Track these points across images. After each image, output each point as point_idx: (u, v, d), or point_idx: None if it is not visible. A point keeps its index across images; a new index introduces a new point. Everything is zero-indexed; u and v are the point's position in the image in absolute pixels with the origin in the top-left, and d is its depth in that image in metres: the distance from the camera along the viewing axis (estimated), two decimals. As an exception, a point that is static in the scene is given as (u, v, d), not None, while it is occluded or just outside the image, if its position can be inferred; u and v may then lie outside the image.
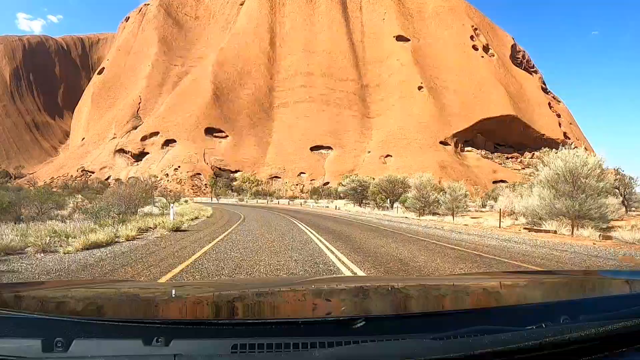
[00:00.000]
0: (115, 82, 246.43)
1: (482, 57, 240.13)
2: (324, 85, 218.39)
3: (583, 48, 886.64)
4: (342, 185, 61.53)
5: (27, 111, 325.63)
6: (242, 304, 2.31)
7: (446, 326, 1.51)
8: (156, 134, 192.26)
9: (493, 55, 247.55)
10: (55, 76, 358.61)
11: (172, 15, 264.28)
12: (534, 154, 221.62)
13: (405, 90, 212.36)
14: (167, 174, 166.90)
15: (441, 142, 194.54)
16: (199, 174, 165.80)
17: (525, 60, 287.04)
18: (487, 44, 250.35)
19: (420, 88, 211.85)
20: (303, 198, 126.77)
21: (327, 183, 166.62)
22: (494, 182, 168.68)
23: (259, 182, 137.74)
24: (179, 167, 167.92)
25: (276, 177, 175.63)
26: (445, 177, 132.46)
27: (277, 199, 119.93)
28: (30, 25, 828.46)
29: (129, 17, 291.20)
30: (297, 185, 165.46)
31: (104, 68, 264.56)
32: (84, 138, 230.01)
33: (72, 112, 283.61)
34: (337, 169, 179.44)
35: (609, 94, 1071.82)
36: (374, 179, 60.25)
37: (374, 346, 1.35)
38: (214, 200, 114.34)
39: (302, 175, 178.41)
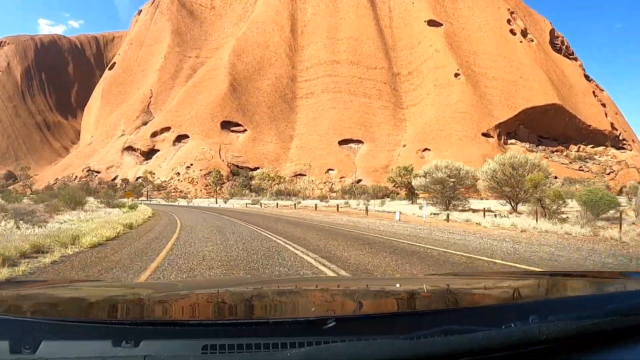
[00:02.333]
0: (126, 76, 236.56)
1: (521, 41, 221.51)
2: (350, 73, 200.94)
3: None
4: (421, 176, 40.97)
5: (37, 111, 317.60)
6: (213, 304, 2.30)
7: (416, 326, 1.51)
8: (167, 129, 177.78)
9: (532, 40, 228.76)
10: (68, 75, 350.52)
11: (187, 6, 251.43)
12: (580, 146, 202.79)
13: (441, 77, 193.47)
14: (178, 173, 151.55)
15: (483, 134, 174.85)
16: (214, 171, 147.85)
17: (564, 47, 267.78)
18: (525, 28, 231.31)
19: (457, 75, 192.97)
20: (333, 198, 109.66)
21: (360, 180, 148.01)
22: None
23: (281, 180, 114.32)
24: (192, 164, 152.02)
25: (301, 174, 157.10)
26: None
27: (302, 199, 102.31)
28: (52, 31, 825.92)
29: (141, 10, 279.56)
30: (325, 183, 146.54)
31: (114, 63, 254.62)
32: (92, 136, 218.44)
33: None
34: (369, 165, 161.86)
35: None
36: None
37: (345, 346, 1.36)
38: (217, 203, 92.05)
39: (330, 172, 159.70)
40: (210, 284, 3.60)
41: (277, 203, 75.09)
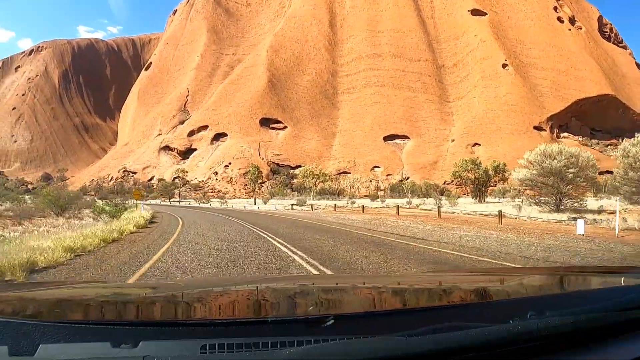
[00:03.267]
0: (162, 76, 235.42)
1: (569, 29, 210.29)
2: (393, 67, 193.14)
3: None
4: (524, 166, 32.79)
5: (75, 113, 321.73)
6: (211, 303, 2.30)
7: (415, 323, 1.51)
8: (205, 127, 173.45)
9: (581, 28, 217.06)
10: (106, 78, 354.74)
11: (222, 3, 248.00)
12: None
13: (488, 69, 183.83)
14: (215, 172, 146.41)
15: (535, 127, 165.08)
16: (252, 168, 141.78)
17: (613, 34, 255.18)
18: (573, 16, 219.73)
19: (504, 66, 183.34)
20: (381, 197, 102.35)
21: (407, 178, 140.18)
22: (599, 173, 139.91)
23: (326, 177, 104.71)
24: (230, 163, 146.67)
25: (345, 172, 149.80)
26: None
27: (350, 198, 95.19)
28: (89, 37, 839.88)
29: (176, 10, 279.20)
30: (370, 181, 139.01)
31: (151, 63, 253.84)
32: (129, 137, 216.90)
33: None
34: (416, 161, 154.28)
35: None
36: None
37: (343, 344, 1.35)
38: (256, 204, 79.03)
39: (376, 169, 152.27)
40: (209, 284, 3.54)
41: (335, 204, 58.05)
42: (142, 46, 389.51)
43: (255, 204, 77.23)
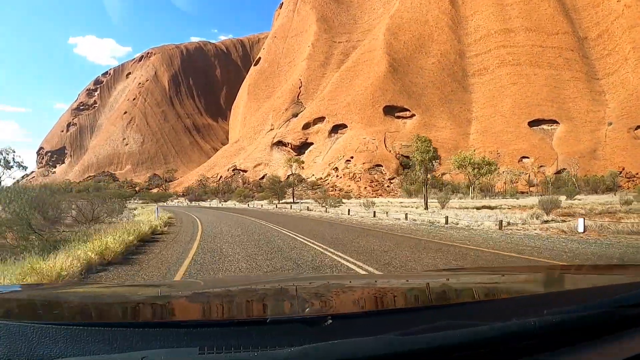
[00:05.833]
0: (272, 70, 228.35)
1: None
2: (529, 42, 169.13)
3: None
4: None
5: (186, 115, 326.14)
6: (209, 304, 2.32)
7: (413, 322, 1.53)
8: (321, 119, 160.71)
9: None
10: (216, 79, 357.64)
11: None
12: None
13: (639, 38, 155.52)
14: (335, 168, 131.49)
15: None
16: (379, 165, 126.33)
17: None
18: None
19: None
20: (532, 193, 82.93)
21: (563, 170, 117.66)
22: None
23: (490, 167, 76.91)
24: (352, 157, 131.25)
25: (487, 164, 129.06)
26: None
27: (505, 195, 75.97)
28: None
29: (282, 3, 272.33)
30: (519, 175, 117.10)
31: (260, 58, 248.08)
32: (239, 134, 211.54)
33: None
34: (571, 150, 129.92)
35: None
36: None
37: (341, 344, 1.36)
38: (428, 211, 36.01)
39: (524, 160, 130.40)
40: (207, 284, 3.54)
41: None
42: (251, 46, 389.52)
43: (426, 208, 43.08)
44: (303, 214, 44.63)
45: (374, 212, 37.14)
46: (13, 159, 57.84)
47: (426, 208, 42.37)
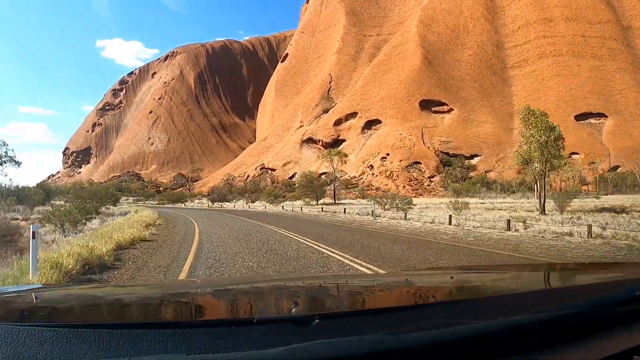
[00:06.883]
0: (300, 66, 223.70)
1: None
2: (570, 32, 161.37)
3: None
4: None
5: (212, 113, 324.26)
6: (197, 304, 2.30)
7: (402, 321, 1.53)
8: (353, 115, 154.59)
9: None
10: (242, 77, 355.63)
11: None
12: None
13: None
14: (370, 166, 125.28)
15: None
16: (418, 162, 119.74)
17: None
18: None
19: None
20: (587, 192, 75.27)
21: (617, 166, 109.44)
22: None
23: (561, 161, 68.82)
24: (388, 154, 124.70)
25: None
26: None
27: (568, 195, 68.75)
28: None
29: None
30: (579, 171, 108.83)
31: (287, 55, 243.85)
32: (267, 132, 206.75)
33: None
34: (623, 145, 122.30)
35: None
36: None
37: (328, 344, 1.36)
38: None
39: (573, 156, 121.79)
40: (195, 285, 3.56)
41: None
42: (278, 44, 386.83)
43: (543, 212, 35.78)
44: (403, 225, 26.66)
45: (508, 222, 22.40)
46: (6, 152, 50.20)
47: (543, 212, 35.03)
